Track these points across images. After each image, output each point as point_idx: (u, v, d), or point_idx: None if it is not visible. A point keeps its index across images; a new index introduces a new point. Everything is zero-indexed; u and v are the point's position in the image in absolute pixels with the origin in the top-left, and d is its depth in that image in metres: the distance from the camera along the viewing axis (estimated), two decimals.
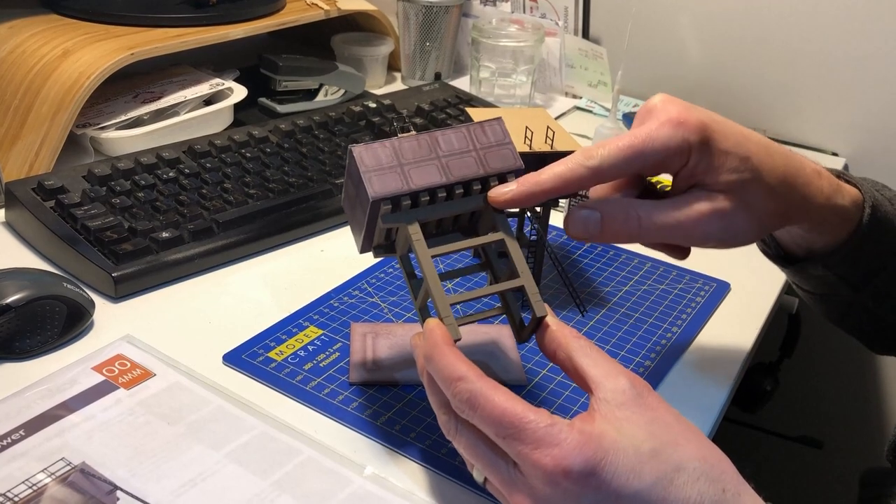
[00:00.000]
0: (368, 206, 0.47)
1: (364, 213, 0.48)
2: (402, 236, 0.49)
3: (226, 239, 0.70)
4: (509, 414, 0.40)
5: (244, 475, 0.48)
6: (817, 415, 1.18)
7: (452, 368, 0.42)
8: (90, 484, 0.47)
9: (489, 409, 0.40)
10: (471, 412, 0.41)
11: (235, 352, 0.59)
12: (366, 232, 0.49)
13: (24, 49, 0.83)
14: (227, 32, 0.91)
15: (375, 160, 0.48)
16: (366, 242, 0.50)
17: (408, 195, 0.47)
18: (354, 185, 0.49)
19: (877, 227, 0.56)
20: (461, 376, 0.42)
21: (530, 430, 0.39)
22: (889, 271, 0.58)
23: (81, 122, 0.82)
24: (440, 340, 0.44)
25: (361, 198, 0.48)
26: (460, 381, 0.42)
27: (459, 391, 0.41)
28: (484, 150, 0.49)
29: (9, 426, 0.50)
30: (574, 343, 0.45)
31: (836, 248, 0.56)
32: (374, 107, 0.94)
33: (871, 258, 0.58)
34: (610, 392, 0.41)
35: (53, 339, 0.58)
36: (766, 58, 1.09)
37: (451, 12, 1.13)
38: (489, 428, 0.41)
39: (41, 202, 0.70)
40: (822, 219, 0.55)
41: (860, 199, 0.56)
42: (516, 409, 0.40)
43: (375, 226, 0.49)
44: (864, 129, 1.07)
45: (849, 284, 0.59)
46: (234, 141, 0.82)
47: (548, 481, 0.39)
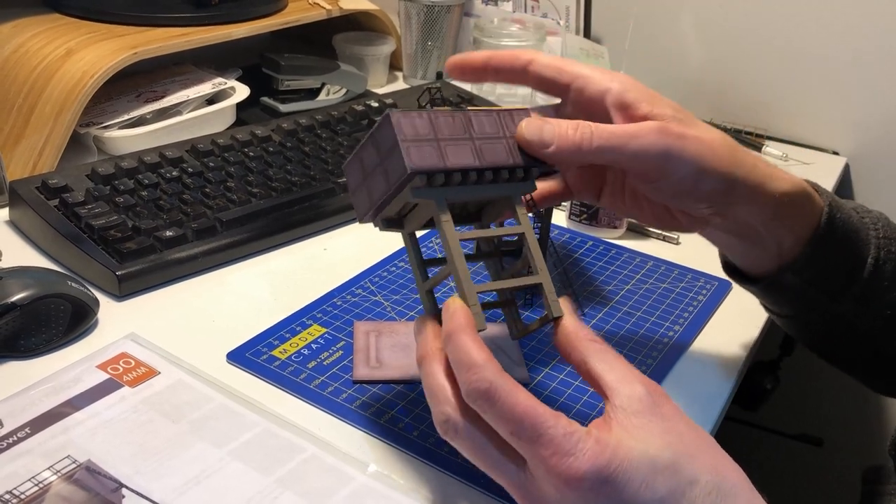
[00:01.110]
0: (402, 176, 0.45)
1: (387, 183, 0.46)
2: (418, 213, 0.48)
3: (229, 237, 0.70)
4: (531, 414, 0.39)
5: (247, 472, 0.49)
6: (817, 413, 1.19)
7: (476, 354, 0.41)
8: (95, 481, 0.47)
9: (510, 405, 0.39)
10: (487, 404, 0.40)
11: (239, 350, 0.59)
12: (381, 202, 0.47)
13: (28, 48, 0.83)
14: (229, 32, 0.91)
15: (413, 130, 0.45)
16: (374, 212, 0.48)
17: (442, 172, 0.45)
18: (382, 151, 0.46)
19: (837, 227, 0.55)
20: (482, 364, 0.40)
21: (549, 436, 0.39)
22: (866, 281, 0.57)
23: (85, 122, 0.83)
24: (465, 323, 0.42)
25: (391, 167, 0.45)
26: (481, 368, 0.40)
27: (480, 379, 0.40)
28: (513, 140, 0.48)
29: (14, 424, 0.51)
30: (590, 346, 0.43)
31: (802, 251, 0.55)
32: (376, 106, 0.94)
33: (839, 260, 0.56)
34: (626, 399, 0.41)
35: (58, 338, 0.58)
36: (767, 57, 1.10)
37: (453, 11, 1.13)
38: (506, 425, 0.40)
39: (45, 201, 0.70)
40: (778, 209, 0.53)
41: (819, 200, 0.56)
42: (538, 410, 0.39)
43: (395, 198, 0.46)
44: (865, 129, 1.07)
45: (824, 292, 0.57)
46: (236, 140, 0.82)
47: (561, 488, 0.39)
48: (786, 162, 1.04)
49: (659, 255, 0.77)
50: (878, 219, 0.60)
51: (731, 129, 1.10)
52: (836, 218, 0.55)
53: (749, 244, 0.56)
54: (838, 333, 0.59)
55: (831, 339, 0.61)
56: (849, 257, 0.56)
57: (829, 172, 1.04)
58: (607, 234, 0.80)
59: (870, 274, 0.57)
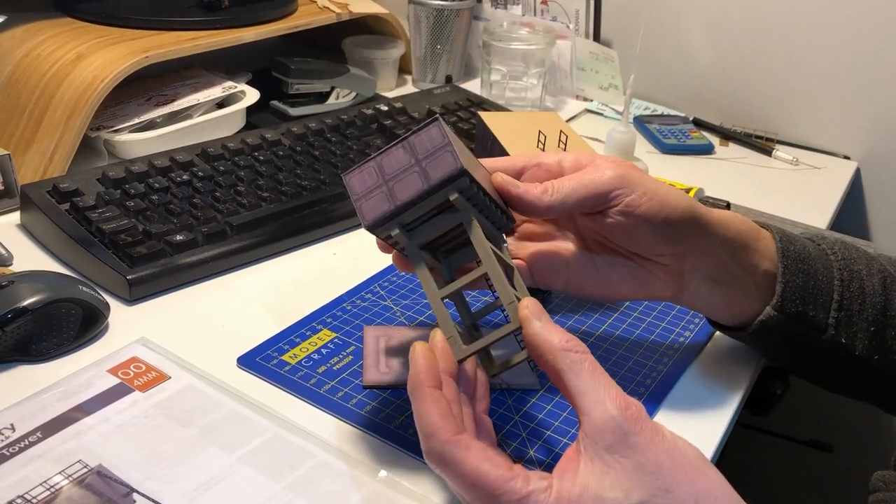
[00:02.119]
0: (449, 175, 0.45)
1: (426, 181, 0.46)
2: (438, 223, 0.48)
3: (239, 242, 0.70)
4: (482, 480, 0.39)
5: (257, 478, 0.49)
6: (827, 418, 1.18)
7: (427, 419, 0.41)
8: (106, 486, 0.47)
9: (461, 473, 0.39)
10: (442, 470, 0.40)
11: (249, 354, 0.59)
12: (409, 202, 0.46)
13: (39, 53, 0.83)
14: (239, 36, 0.91)
15: (456, 139, 0.47)
16: (393, 214, 0.47)
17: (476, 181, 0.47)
18: (419, 154, 0.46)
19: (796, 256, 0.58)
20: (432, 433, 0.40)
21: (505, 498, 0.38)
22: (837, 302, 0.58)
23: (95, 125, 0.83)
24: (425, 377, 0.42)
25: (433, 166, 0.46)
26: (431, 437, 0.40)
27: (429, 450, 0.40)
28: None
29: (26, 428, 0.51)
30: (562, 358, 0.41)
31: (777, 285, 0.57)
32: (385, 110, 0.94)
33: (808, 288, 0.57)
34: (597, 430, 0.40)
35: (69, 342, 0.58)
36: (777, 61, 1.09)
37: (462, 15, 1.13)
38: (462, 490, 0.40)
39: (56, 205, 0.70)
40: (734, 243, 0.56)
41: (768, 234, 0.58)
42: (489, 475, 0.39)
43: (430, 198, 0.46)
44: (876, 133, 1.06)
45: (807, 325, 0.58)
46: (246, 144, 0.82)
47: None
48: (796, 166, 1.04)
49: None
50: (833, 243, 0.61)
51: (741, 133, 1.10)
52: (790, 249, 0.58)
53: (726, 288, 0.57)
54: (837, 364, 0.60)
55: (833, 371, 0.61)
56: (816, 283, 0.58)
57: (840, 177, 1.03)
58: None
59: (840, 296, 0.58)
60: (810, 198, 0.96)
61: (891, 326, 0.59)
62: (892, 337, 0.59)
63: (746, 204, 0.90)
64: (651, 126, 1.09)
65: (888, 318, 0.59)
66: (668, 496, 0.38)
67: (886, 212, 1.09)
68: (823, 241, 0.62)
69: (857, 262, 0.60)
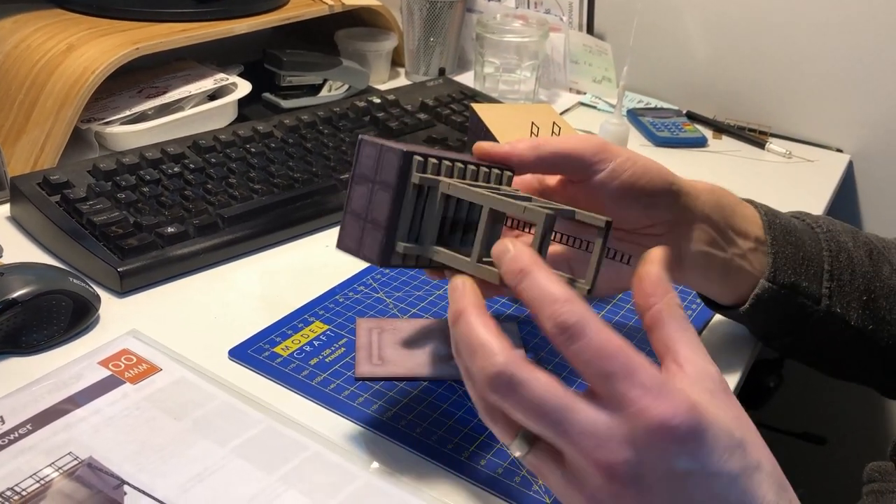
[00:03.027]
0: (399, 165, 0.45)
1: (388, 188, 0.45)
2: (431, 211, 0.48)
3: (231, 234, 0.70)
4: (624, 352, 0.36)
5: (250, 470, 0.49)
6: (821, 411, 1.18)
7: (559, 287, 0.38)
8: (97, 478, 0.47)
9: (602, 339, 0.36)
10: (575, 336, 0.37)
11: (241, 347, 0.59)
12: (391, 213, 0.46)
13: (29, 44, 0.83)
14: (231, 27, 0.91)
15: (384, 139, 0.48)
16: (388, 235, 0.46)
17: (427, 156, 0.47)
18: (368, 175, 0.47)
19: (782, 229, 0.59)
20: (571, 298, 0.37)
21: (642, 376, 0.36)
22: (829, 272, 0.59)
23: (86, 117, 0.82)
24: (538, 259, 0.40)
25: (384, 172, 0.46)
26: (570, 301, 0.37)
27: (569, 311, 0.37)
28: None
29: (16, 420, 0.50)
30: (676, 310, 0.41)
31: (766, 258, 0.58)
32: (378, 102, 0.94)
33: (799, 260, 0.58)
34: (703, 374, 0.39)
35: (59, 334, 0.58)
36: (771, 54, 1.09)
37: (455, 7, 1.13)
38: (594, 359, 0.36)
39: (46, 197, 0.70)
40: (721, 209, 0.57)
41: (752, 208, 0.59)
42: (631, 350, 0.36)
43: (404, 199, 0.46)
44: (869, 126, 1.07)
45: (802, 294, 0.58)
46: (238, 136, 0.82)
47: (651, 431, 0.36)
48: (789, 159, 1.04)
49: None
50: (816, 218, 0.62)
51: (734, 126, 1.10)
52: (776, 223, 0.59)
53: (723, 259, 0.57)
54: (833, 338, 0.60)
55: (830, 346, 0.62)
56: (805, 254, 0.59)
57: (833, 170, 1.03)
58: None
59: (830, 266, 0.59)
60: (803, 190, 0.97)
61: (881, 297, 0.60)
62: (885, 307, 0.60)
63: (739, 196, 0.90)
64: (644, 119, 1.09)
65: (877, 289, 0.60)
66: (756, 448, 0.39)
67: (878, 204, 1.09)
68: (808, 216, 0.63)
69: (842, 234, 0.61)
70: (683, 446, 0.36)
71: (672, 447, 0.36)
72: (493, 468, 0.50)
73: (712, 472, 0.36)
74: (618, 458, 0.36)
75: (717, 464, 0.36)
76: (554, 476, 0.39)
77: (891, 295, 0.60)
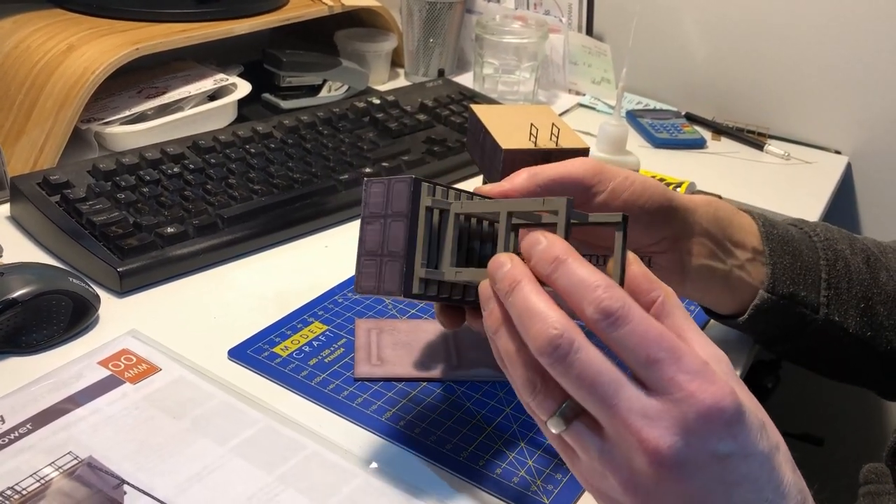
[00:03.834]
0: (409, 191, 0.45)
1: (402, 217, 0.46)
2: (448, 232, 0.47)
3: (230, 234, 0.70)
4: (668, 337, 0.37)
5: (249, 469, 0.49)
6: (818, 412, 1.19)
7: (598, 275, 0.38)
8: (97, 478, 0.47)
9: (646, 326, 0.37)
10: (619, 322, 0.37)
11: (240, 347, 0.59)
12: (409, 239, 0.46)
13: (29, 44, 0.83)
14: (230, 28, 0.91)
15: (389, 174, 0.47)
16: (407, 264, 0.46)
17: (434, 183, 0.46)
18: (380, 211, 0.47)
19: (779, 238, 0.59)
20: (610, 284, 0.37)
21: (689, 360, 0.36)
22: (826, 280, 0.59)
23: (86, 117, 0.82)
24: (570, 248, 0.39)
25: (395, 203, 0.46)
26: (610, 287, 0.37)
27: (613, 297, 0.37)
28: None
29: (16, 420, 0.50)
30: (676, 299, 0.42)
31: (764, 268, 0.58)
32: (377, 103, 0.94)
33: (796, 269, 0.58)
34: (717, 358, 0.39)
35: (59, 334, 0.58)
36: (770, 55, 1.09)
37: (455, 8, 1.13)
38: (639, 344, 0.37)
39: (46, 197, 0.70)
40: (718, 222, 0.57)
41: (748, 217, 0.59)
42: (672, 335, 0.37)
43: (418, 225, 0.46)
44: (867, 128, 1.07)
45: (803, 305, 0.59)
46: (238, 136, 0.82)
47: (701, 415, 0.36)
48: (788, 161, 1.04)
49: None
50: (814, 226, 0.63)
51: (733, 128, 1.10)
52: (773, 233, 0.59)
53: (724, 271, 0.57)
54: (832, 345, 0.61)
55: (829, 353, 0.62)
56: (803, 263, 0.59)
57: (832, 172, 1.04)
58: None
59: (828, 274, 0.59)
60: (801, 192, 0.97)
61: (879, 303, 0.60)
62: (882, 314, 0.60)
63: (738, 198, 0.90)
64: (643, 120, 1.09)
65: (875, 296, 0.60)
66: (773, 430, 0.39)
67: (877, 206, 1.10)
68: (805, 224, 0.63)
69: (839, 242, 0.62)
70: (729, 429, 0.36)
71: (719, 430, 0.36)
72: (492, 469, 0.51)
73: (749, 452, 0.37)
74: (666, 440, 0.36)
75: (752, 445, 0.37)
76: (589, 454, 0.39)
77: (888, 301, 0.61)
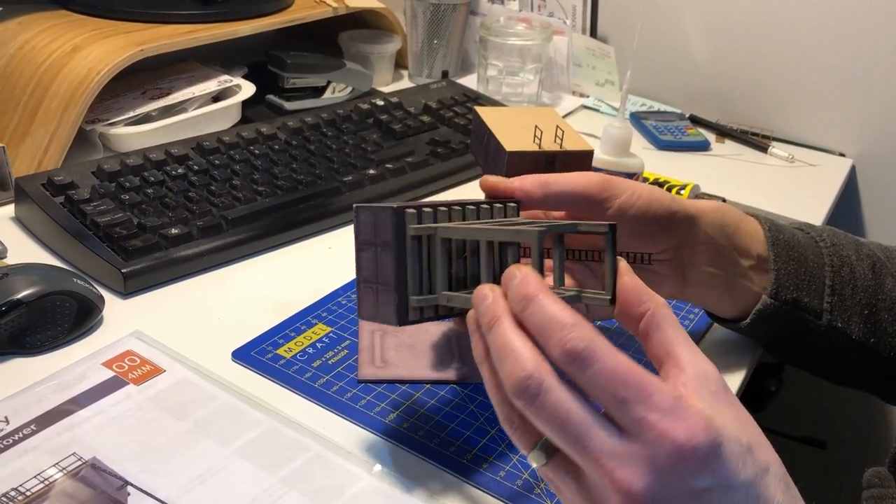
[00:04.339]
0: (394, 221, 0.45)
1: (390, 247, 0.46)
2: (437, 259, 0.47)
3: (234, 236, 0.70)
4: (636, 375, 0.36)
5: (252, 471, 0.49)
6: (821, 415, 1.18)
7: (565, 313, 0.37)
8: (101, 479, 0.47)
9: (613, 365, 0.36)
10: (585, 363, 0.36)
11: (244, 348, 0.59)
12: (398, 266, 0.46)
13: (34, 45, 0.83)
14: (235, 29, 0.91)
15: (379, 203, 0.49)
16: (400, 290, 0.46)
17: (419, 206, 0.47)
18: (370, 239, 0.48)
19: (785, 243, 0.59)
20: (577, 323, 0.37)
21: (658, 399, 0.35)
22: (829, 287, 0.59)
23: (90, 118, 0.82)
24: (543, 285, 0.39)
25: (383, 233, 0.47)
26: (577, 326, 0.37)
27: (577, 337, 0.36)
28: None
29: (20, 421, 0.50)
30: (665, 310, 0.41)
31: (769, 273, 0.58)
32: (381, 104, 0.94)
33: (800, 274, 0.59)
34: (703, 377, 0.39)
35: (63, 335, 0.58)
36: (774, 59, 1.09)
37: (459, 10, 1.13)
38: (606, 385, 0.36)
39: (51, 198, 0.70)
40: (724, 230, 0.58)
41: (755, 222, 0.60)
42: (642, 372, 0.36)
43: (407, 253, 0.46)
44: (871, 130, 1.07)
45: (805, 311, 0.59)
46: (242, 138, 0.82)
47: (673, 454, 0.35)
48: (792, 163, 1.04)
49: None
50: (821, 231, 0.63)
51: (737, 130, 1.10)
52: (780, 238, 0.59)
53: (725, 277, 0.58)
54: (834, 351, 0.61)
55: (831, 358, 0.62)
56: (807, 269, 0.59)
57: (836, 174, 1.03)
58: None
59: (832, 281, 0.59)
60: (805, 195, 0.97)
61: (883, 309, 0.60)
62: (886, 320, 0.60)
63: (742, 200, 0.90)
64: (647, 122, 1.09)
65: (879, 302, 0.60)
66: (762, 449, 0.38)
67: (881, 209, 1.09)
68: (812, 229, 0.63)
69: (845, 247, 0.62)
70: (705, 466, 0.36)
71: (694, 466, 0.36)
72: (496, 472, 0.50)
73: (729, 484, 0.36)
74: (639, 482, 0.36)
75: (733, 476, 0.36)
76: (569, 490, 0.39)
77: (893, 307, 0.60)
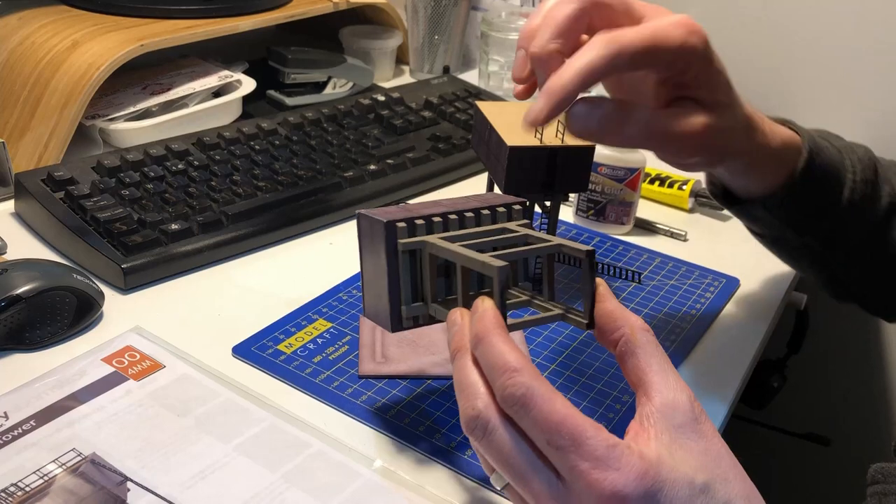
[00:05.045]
0: (385, 234, 0.46)
1: (382, 256, 0.47)
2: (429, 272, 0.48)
3: (235, 231, 0.70)
4: (570, 423, 0.36)
5: (253, 467, 0.49)
6: (825, 411, 1.18)
7: (509, 357, 0.38)
8: (101, 475, 0.47)
9: (546, 412, 0.37)
10: (522, 410, 0.37)
11: (245, 344, 0.59)
12: (391, 275, 0.47)
13: (34, 40, 0.82)
14: (236, 24, 0.91)
15: (382, 211, 0.49)
16: (393, 297, 0.47)
17: (411, 219, 0.47)
18: (368, 245, 0.49)
19: (814, 174, 0.58)
20: (518, 368, 0.38)
21: (590, 447, 0.36)
22: (833, 220, 0.60)
23: (90, 114, 0.82)
24: (496, 324, 0.40)
25: (377, 241, 0.47)
26: (517, 372, 0.38)
27: (515, 384, 0.37)
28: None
29: (19, 416, 0.50)
30: (641, 335, 0.41)
31: (774, 192, 0.58)
32: (382, 100, 0.94)
33: (810, 204, 0.59)
34: (669, 407, 0.39)
35: (63, 331, 0.58)
36: (779, 53, 1.09)
37: (460, 5, 1.12)
38: (541, 433, 0.37)
39: (51, 193, 0.70)
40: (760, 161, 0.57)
41: (799, 145, 0.59)
42: (577, 419, 0.37)
43: (400, 263, 0.47)
44: (879, 126, 1.06)
45: (791, 227, 0.61)
46: (242, 133, 0.82)
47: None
48: None
49: (666, 251, 0.76)
50: (858, 161, 0.62)
51: None
52: (815, 164, 0.58)
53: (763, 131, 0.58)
54: (808, 259, 0.64)
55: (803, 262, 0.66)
56: (821, 198, 0.60)
57: None
58: (614, 230, 0.79)
59: (839, 214, 0.60)
60: None
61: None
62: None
63: None
64: None
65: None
66: (726, 485, 0.38)
67: None
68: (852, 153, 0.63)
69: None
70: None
71: None
72: None
73: None
74: None
75: None
76: None
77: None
